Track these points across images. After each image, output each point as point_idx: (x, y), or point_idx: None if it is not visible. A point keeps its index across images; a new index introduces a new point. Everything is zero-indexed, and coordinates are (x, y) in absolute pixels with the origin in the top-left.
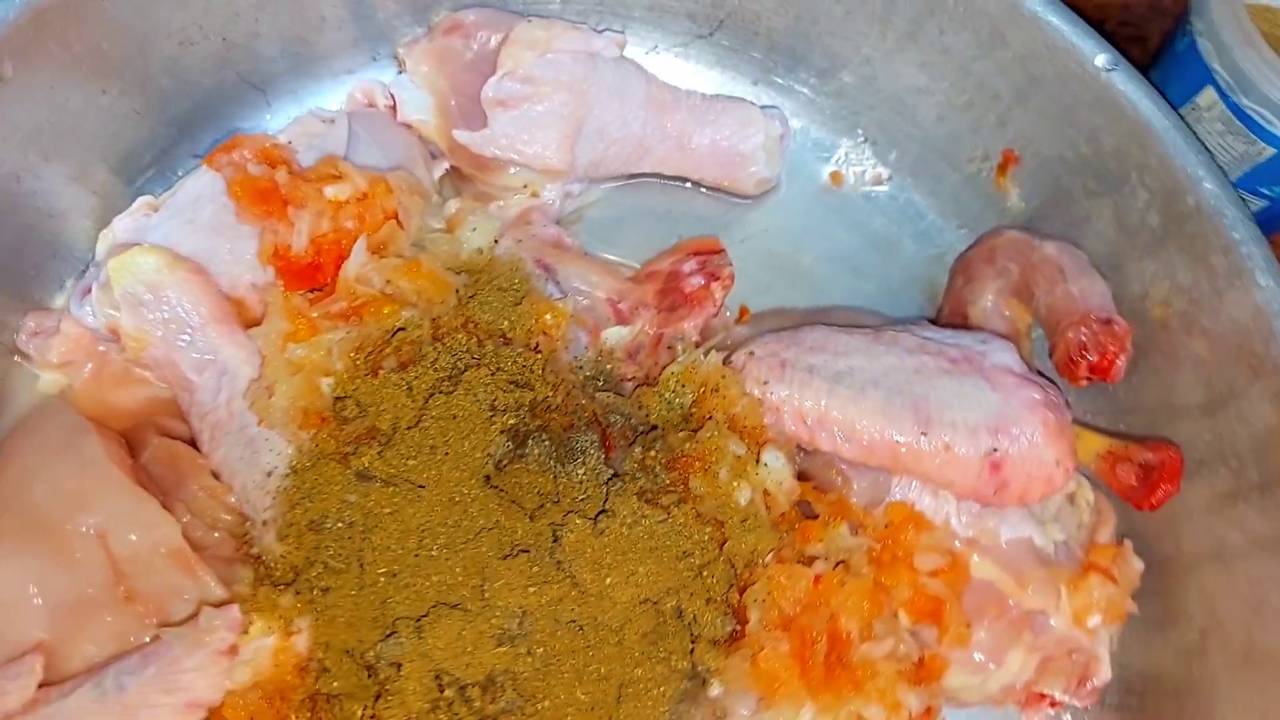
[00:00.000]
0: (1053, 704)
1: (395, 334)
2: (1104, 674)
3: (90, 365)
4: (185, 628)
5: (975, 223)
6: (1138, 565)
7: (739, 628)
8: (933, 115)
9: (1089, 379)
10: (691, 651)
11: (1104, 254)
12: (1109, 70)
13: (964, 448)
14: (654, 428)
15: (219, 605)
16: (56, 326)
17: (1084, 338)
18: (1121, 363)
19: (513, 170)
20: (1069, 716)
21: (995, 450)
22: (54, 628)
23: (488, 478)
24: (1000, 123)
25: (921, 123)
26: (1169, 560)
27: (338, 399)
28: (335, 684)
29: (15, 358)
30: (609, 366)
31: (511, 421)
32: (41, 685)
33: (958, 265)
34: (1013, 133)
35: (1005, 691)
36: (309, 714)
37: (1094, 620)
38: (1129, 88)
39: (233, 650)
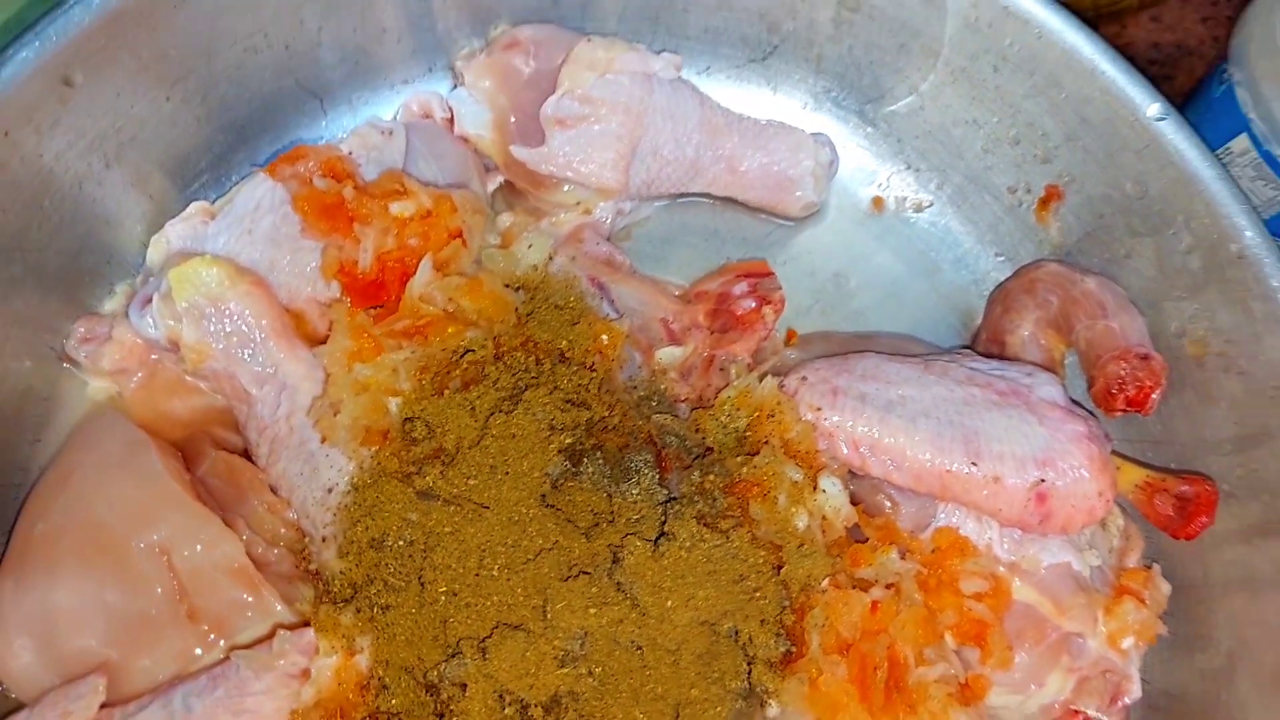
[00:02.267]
0: None
1: (464, 355)
2: (1135, 692)
3: (141, 373)
4: (256, 649)
5: (1012, 252)
6: (1166, 588)
7: (793, 649)
8: (978, 148)
9: (1124, 410)
10: (749, 673)
11: (1142, 291)
12: (1159, 120)
13: (1013, 479)
14: (709, 450)
15: (292, 628)
16: (108, 333)
17: (1124, 372)
18: (1156, 397)
19: (566, 187)
20: None
21: (1043, 482)
22: (116, 646)
23: (543, 496)
24: (1046, 159)
25: (966, 154)
26: (1195, 585)
27: (406, 420)
28: (394, 701)
29: (65, 364)
30: (663, 386)
31: (568, 440)
32: (103, 706)
33: (996, 295)
34: (1058, 169)
35: (1044, 710)
36: None
37: (1128, 642)
38: (1178, 138)
39: (305, 674)
